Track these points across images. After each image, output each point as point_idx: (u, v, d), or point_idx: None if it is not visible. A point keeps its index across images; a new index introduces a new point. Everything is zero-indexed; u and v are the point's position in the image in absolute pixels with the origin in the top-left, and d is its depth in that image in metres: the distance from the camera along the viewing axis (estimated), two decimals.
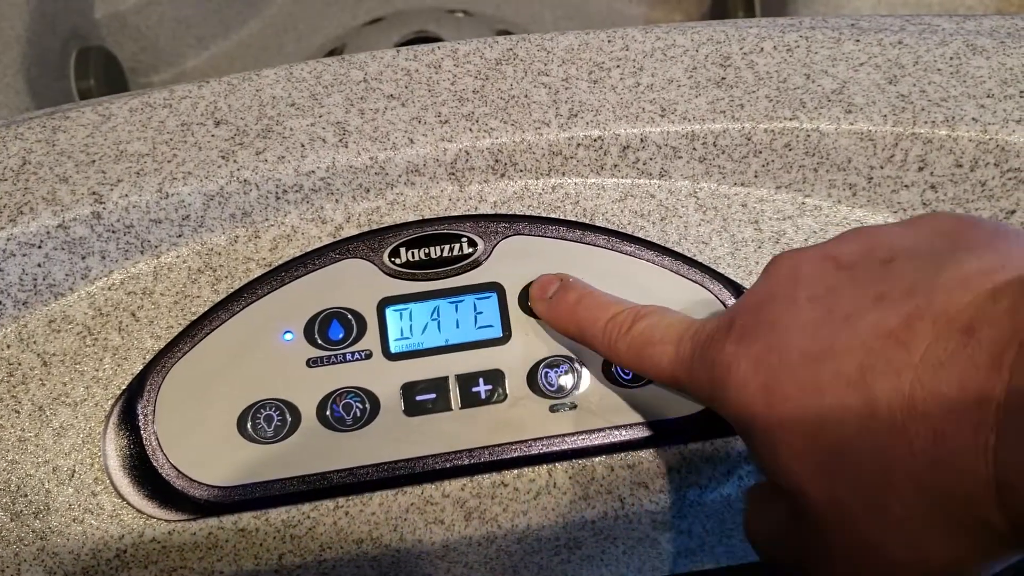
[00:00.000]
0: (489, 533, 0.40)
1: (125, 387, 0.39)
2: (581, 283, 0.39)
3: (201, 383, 0.39)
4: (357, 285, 0.40)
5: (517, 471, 0.40)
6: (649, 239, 0.42)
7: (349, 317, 0.40)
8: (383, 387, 0.40)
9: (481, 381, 0.40)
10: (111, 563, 0.38)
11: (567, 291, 0.39)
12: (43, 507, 0.38)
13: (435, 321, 0.40)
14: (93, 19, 1.06)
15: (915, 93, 0.42)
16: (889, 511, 0.25)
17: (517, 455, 0.39)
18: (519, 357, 0.40)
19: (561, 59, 0.44)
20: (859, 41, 0.44)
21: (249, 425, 0.39)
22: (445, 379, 0.40)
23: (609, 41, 0.44)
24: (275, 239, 0.41)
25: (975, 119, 0.41)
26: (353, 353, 0.40)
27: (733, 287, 0.41)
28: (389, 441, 0.39)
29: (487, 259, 0.41)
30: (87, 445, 0.38)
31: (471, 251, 0.41)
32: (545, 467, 0.40)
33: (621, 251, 0.41)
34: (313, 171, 0.40)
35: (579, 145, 0.41)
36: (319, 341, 0.40)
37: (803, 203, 0.43)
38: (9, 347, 0.39)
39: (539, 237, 0.41)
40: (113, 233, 0.39)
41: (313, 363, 0.40)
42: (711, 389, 0.31)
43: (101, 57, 1.02)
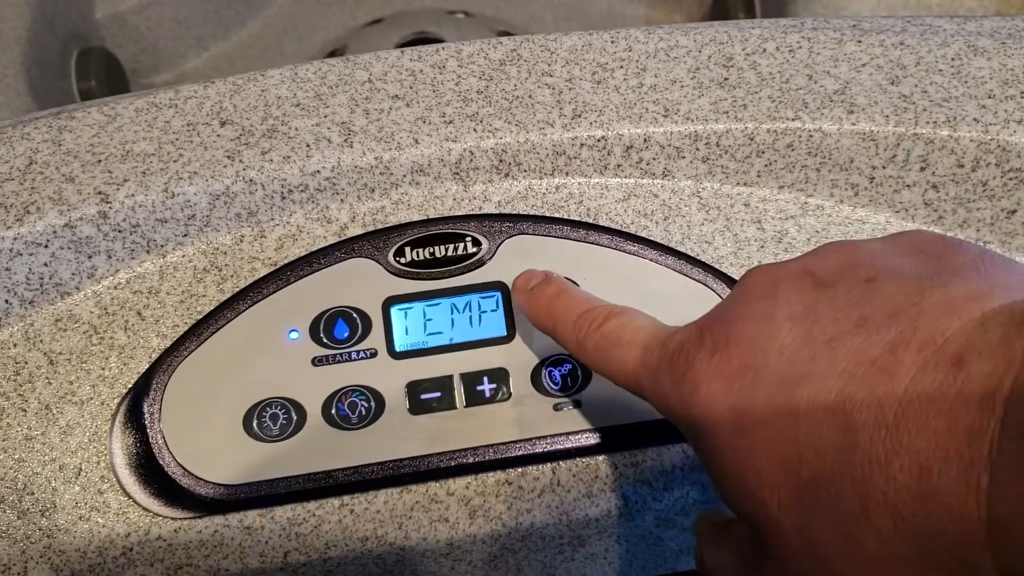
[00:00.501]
0: (493, 531, 0.40)
1: (131, 386, 0.39)
2: (563, 280, 0.38)
3: (207, 382, 0.39)
4: (362, 284, 0.41)
5: (521, 469, 0.40)
6: (652, 239, 0.42)
7: (354, 316, 0.40)
8: (388, 386, 0.40)
9: (485, 380, 0.40)
10: (117, 561, 0.38)
11: (547, 285, 0.38)
12: (50, 505, 0.38)
13: (439, 320, 0.41)
14: (93, 20, 1.06)
15: (917, 94, 0.42)
16: (864, 547, 0.24)
17: (521, 453, 0.40)
18: (523, 356, 0.41)
19: (565, 60, 0.44)
20: (861, 42, 0.44)
21: (255, 423, 0.39)
22: (450, 378, 0.40)
23: (612, 42, 0.45)
24: (280, 238, 0.41)
25: (976, 119, 0.41)
26: (358, 352, 0.40)
27: None
28: (394, 439, 0.39)
29: (491, 258, 0.41)
30: (93, 443, 0.38)
31: (475, 250, 0.41)
32: (549, 465, 0.40)
33: (624, 250, 0.42)
34: (318, 171, 0.40)
35: (583, 145, 0.41)
36: (324, 340, 0.40)
37: (805, 203, 0.43)
38: (16, 346, 0.39)
39: (543, 236, 0.42)
40: (119, 232, 0.39)
41: (318, 362, 0.40)
42: (675, 402, 0.29)
43: (102, 58, 1.02)
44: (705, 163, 0.42)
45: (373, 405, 0.39)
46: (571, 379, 0.40)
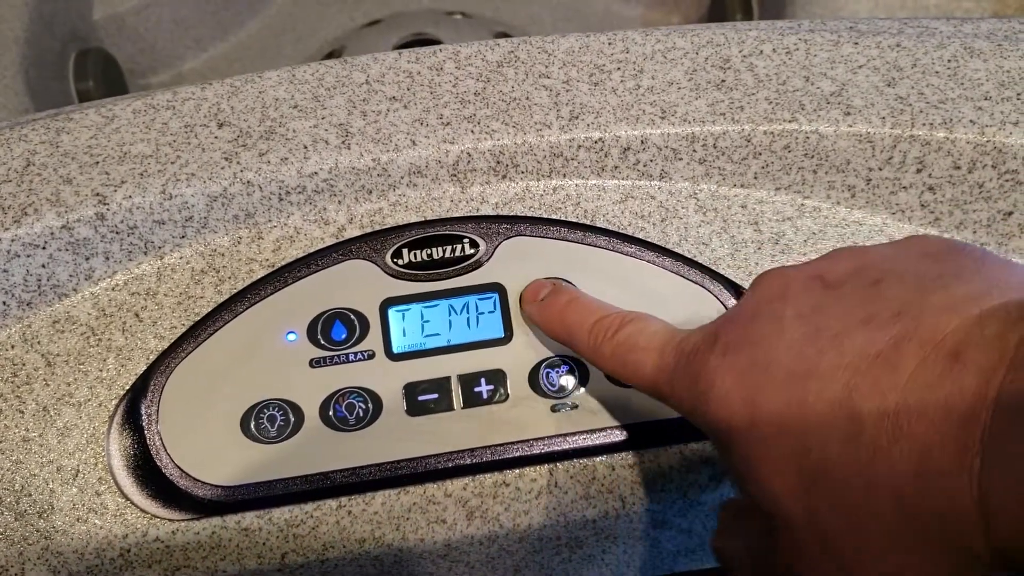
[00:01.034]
0: (491, 532, 0.40)
1: (129, 387, 0.39)
2: (573, 288, 0.40)
3: (204, 383, 0.39)
4: (360, 286, 0.41)
5: (519, 471, 0.40)
6: (650, 240, 0.42)
7: (352, 318, 0.40)
8: (385, 387, 0.40)
9: (483, 381, 0.40)
10: (115, 562, 0.38)
11: (558, 294, 0.39)
12: (47, 507, 0.38)
13: (437, 321, 0.41)
14: (92, 21, 1.06)
15: (913, 95, 0.42)
16: (868, 530, 0.25)
17: (519, 455, 0.40)
18: (521, 357, 0.41)
19: (562, 61, 0.44)
20: (857, 44, 0.45)
21: (252, 425, 0.39)
22: (447, 379, 0.40)
23: (609, 43, 0.45)
24: (278, 240, 0.41)
25: (973, 121, 0.41)
26: (356, 353, 0.40)
27: (733, 288, 0.42)
28: (391, 441, 0.39)
29: (489, 260, 0.41)
30: (91, 445, 0.38)
31: (473, 252, 0.41)
32: (546, 467, 0.40)
33: (622, 252, 0.42)
34: (316, 172, 0.40)
35: (580, 147, 0.41)
36: (322, 341, 0.40)
37: (802, 204, 0.44)
38: (13, 347, 0.39)
39: (540, 238, 0.42)
40: (117, 234, 0.39)
41: (316, 363, 0.40)
42: (692, 401, 0.31)
43: (100, 59, 1.02)
44: (702, 165, 0.42)
45: (371, 407, 0.39)
46: (568, 380, 0.40)
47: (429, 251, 0.41)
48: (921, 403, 0.24)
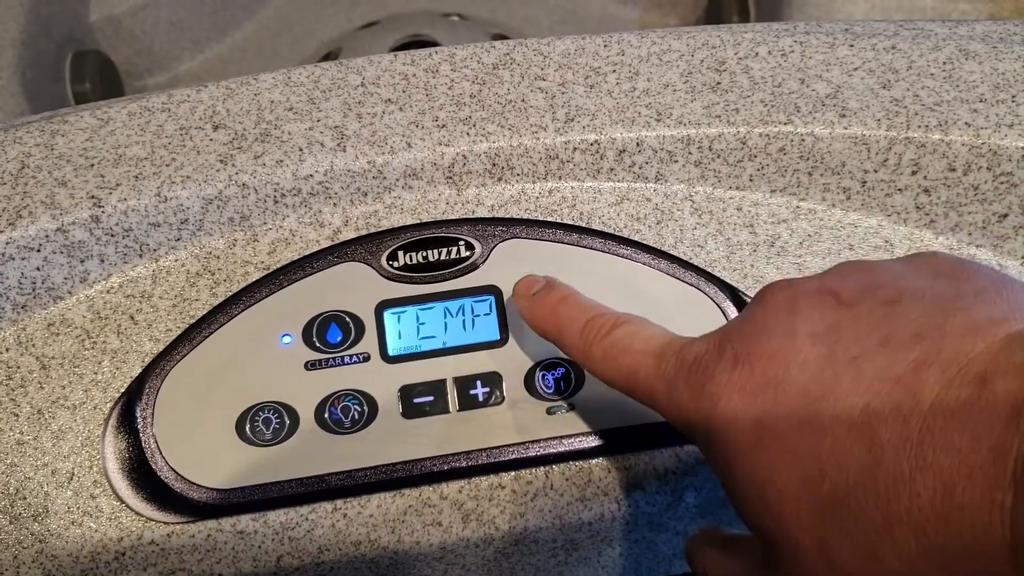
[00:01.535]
0: (486, 535, 0.40)
1: (124, 390, 0.39)
2: (566, 286, 0.38)
3: (200, 386, 0.39)
4: (355, 288, 0.41)
5: (514, 473, 0.40)
6: (645, 242, 0.42)
7: (347, 320, 0.40)
8: (381, 390, 0.40)
9: (478, 384, 0.40)
10: (110, 565, 0.38)
11: (551, 290, 0.37)
12: (42, 510, 0.38)
13: (433, 324, 0.41)
14: (88, 23, 1.06)
15: (908, 98, 0.42)
16: (885, 563, 0.24)
17: (514, 457, 0.40)
18: (516, 360, 0.41)
19: (558, 64, 0.44)
20: (853, 46, 0.45)
21: (248, 428, 0.39)
22: (443, 382, 0.40)
23: (605, 46, 0.45)
24: (273, 243, 0.41)
25: (968, 123, 0.41)
26: (351, 356, 0.40)
27: (729, 290, 0.42)
28: (387, 443, 0.39)
29: (484, 262, 0.41)
30: (86, 448, 0.38)
31: (468, 254, 0.41)
32: (542, 469, 0.40)
33: (617, 254, 0.42)
34: (311, 175, 0.40)
35: (575, 149, 0.41)
36: (317, 344, 0.40)
37: (798, 207, 0.44)
38: (8, 350, 0.39)
39: (536, 240, 0.42)
40: (112, 237, 0.39)
41: (311, 366, 0.40)
42: (693, 413, 0.29)
43: (97, 60, 1.02)
44: (698, 167, 0.42)
45: (366, 409, 0.39)
46: (564, 383, 0.40)
47: (425, 253, 0.41)
48: (946, 432, 0.23)
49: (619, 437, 0.40)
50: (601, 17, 1.23)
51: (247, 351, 0.40)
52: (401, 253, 0.41)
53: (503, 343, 0.41)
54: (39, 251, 0.38)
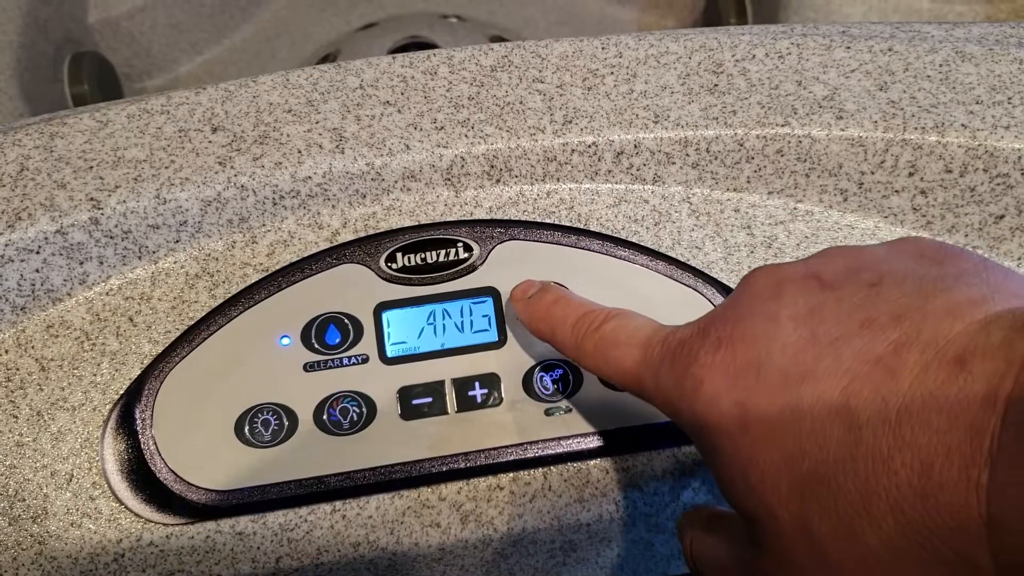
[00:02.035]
0: (485, 536, 0.40)
1: (123, 392, 0.39)
2: (561, 288, 0.39)
3: (199, 388, 0.39)
4: (354, 290, 0.41)
5: (513, 474, 0.40)
6: (643, 244, 0.42)
7: (346, 322, 0.40)
8: (380, 391, 0.40)
9: (477, 385, 0.40)
10: (109, 567, 0.38)
11: (545, 293, 0.38)
12: (41, 511, 0.38)
13: (431, 325, 0.41)
14: (86, 24, 1.06)
15: (905, 99, 0.43)
16: (864, 541, 0.24)
17: (513, 458, 0.40)
18: (515, 361, 0.41)
19: (555, 66, 0.44)
20: (850, 48, 0.45)
21: (246, 429, 0.39)
22: (441, 383, 0.40)
23: (603, 48, 0.45)
24: (272, 244, 0.41)
25: (964, 125, 0.42)
26: (350, 358, 0.40)
27: (726, 291, 0.42)
28: (386, 445, 0.39)
29: (483, 264, 0.41)
30: (85, 450, 0.38)
31: (467, 256, 0.41)
32: (540, 470, 0.40)
33: (615, 256, 0.42)
34: (310, 177, 0.40)
35: (573, 151, 0.42)
36: (316, 346, 0.40)
37: (795, 208, 0.44)
38: (7, 352, 0.39)
39: (534, 242, 0.42)
40: (111, 239, 0.39)
41: (310, 367, 0.40)
42: (677, 398, 0.29)
43: (95, 62, 1.02)
44: (695, 169, 0.43)
45: (365, 411, 0.40)
46: (562, 384, 0.41)
47: (423, 255, 0.41)
48: (924, 411, 0.23)
49: (617, 438, 0.40)
50: (599, 19, 1.23)
51: (246, 353, 0.40)
52: (400, 255, 0.41)
53: (501, 344, 0.41)
54: (38, 253, 0.38)
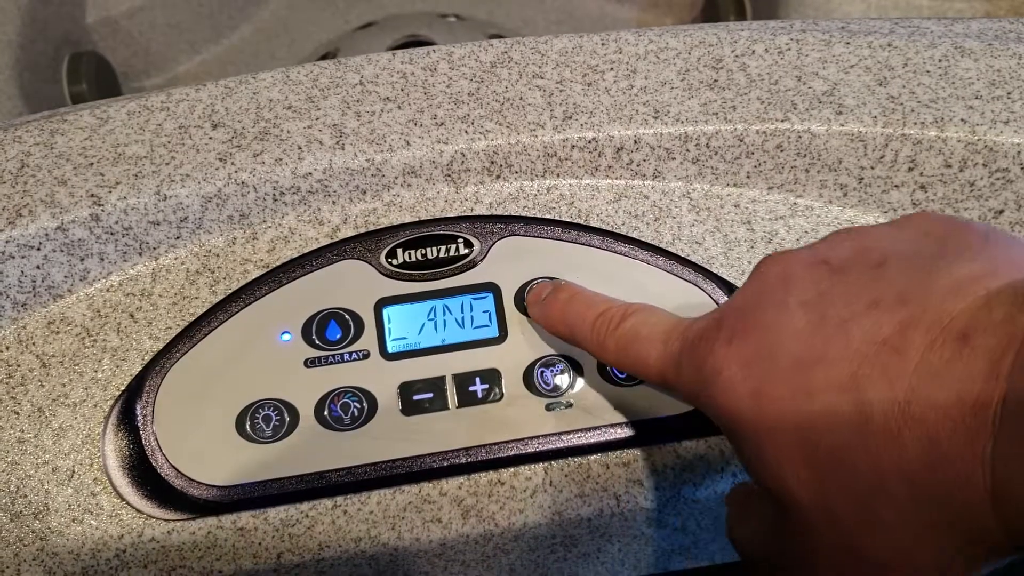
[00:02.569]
0: (486, 531, 0.40)
1: (124, 388, 0.39)
2: (573, 285, 0.39)
3: (200, 384, 0.39)
4: (354, 286, 0.41)
5: (514, 469, 0.40)
6: (643, 239, 0.42)
7: (346, 317, 0.40)
8: (381, 387, 0.40)
9: (478, 380, 0.40)
10: (110, 563, 0.38)
11: (558, 292, 0.39)
12: (43, 507, 0.38)
13: (432, 321, 0.41)
14: (85, 24, 1.06)
15: (905, 95, 0.43)
16: (880, 515, 0.25)
17: (514, 453, 0.40)
18: (515, 356, 0.41)
19: (555, 62, 0.44)
20: (849, 43, 0.45)
21: (248, 425, 0.39)
22: (442, 378, 0.40)
23: (603, 44, 0.45)
24: (273, 240, 0.41)
25: (964, 120, 0.42)
26: (351, 353, 0.40)
27: (727, 287, 0.42)
28: (387, 440, 0.39)
29: (483, 260, 0.42)
30: (86, 446, 0.38)
31: (467, 252, 0.42)
32: (541, 465, 0.40)
33: (616, 251, 0.42)
34: (310, 173, 0.40)
35: (573, 147, 0.42)
36: (317, 341, 0.40)
37: (795, 203, 0.44)
38: (8, 348, 0.39)
39: (534, 238, 0.42)
40: (111, 235, 0.39)
41: (311, 363, 0.40)
42: (698, 388, 0.30)
43: (93, 61, 1.02)
44: (695, 164, 0.43)
45: (366, 406, 0.40)
46: (563, 379, 0.41)
47: (423, 251, 0.41)
48: (930, 389, 0.24)
49: (618, 433, 0.40)
50: (598, 17, 1.23)
51: (247, 349, 0.40)
52: (400, 251, 0.41)
53: (502, 340, 0.41)
54: (39, 249, 0.38)
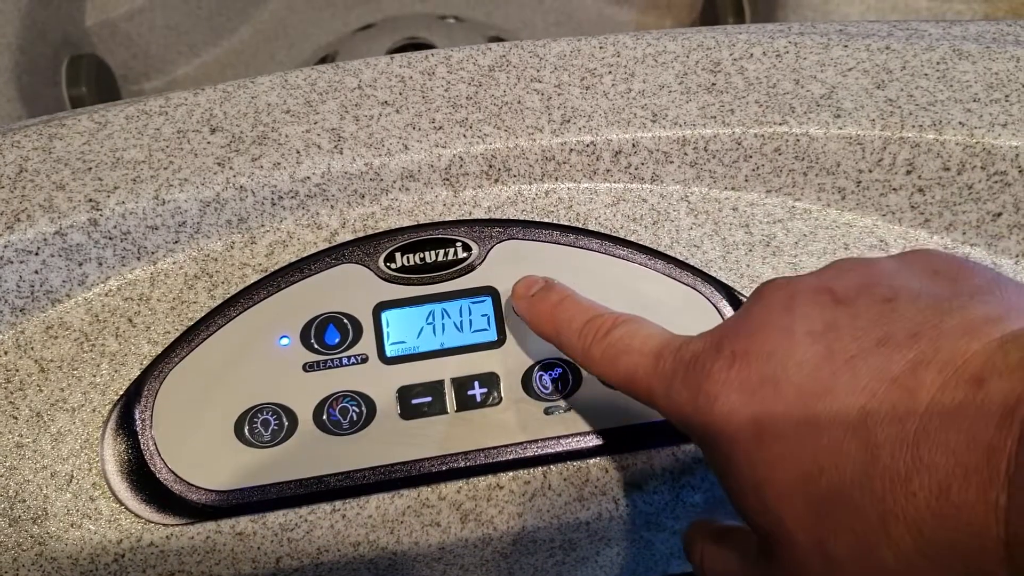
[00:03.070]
0: (485, 535, 0.40)
1: (123, 392, 0.39)
2: (565, 286, 0.38)
3: (198, 388, 0.39)
4: (353, 290, 0.41)
5: (512, 473, 0.40)
6: (642, 243, 0.42)
7: (345, 322, 0.40)
8: (379, 391, 0.40)
9: (476, 384, 0.40)
10: (109, 568, 0.38)
11: (549, 291, 0.38)
12: (41, 512, 0.38)
13: (430, 325, 0.41)
14: (84, 27, 1.06)
15: (903, 98, 0.43)
16: (881, 560, 0.24)
17: (512, 457, 0.40)
18: (514, 360, 0.41)
19: (553, 65, 0.44)
20: (847, 46, 0.45)
21: (246, 429, 0.39)
22: (440, 383, 0.40)
23: (601, 47, 0.45)
24: (271, 245, 0.41)
25: (962, 123, 0.42)
26: (349, 357, 0.40)
27: (725, 290, 0.42)
28: (385, 444, 0.39)
29: (481, 263, 0.42)
30: (85, 450, 0.38)
31: (466, 256, 0.42)
32: (540, 469, 0.40)
33: (614, 255, 0.42)
34: (308, 177, 0.40)
35: (572, 150, 0.42)
36: (315, 346, 0.40)
37: (793, 207, 0.44)
38: (7, 353, 0.39)
39: (533, 241, 0.42)
40: (110, 240, 0.39)
41: (309, 367, 0.40)
42: (691, 413, 0.29)
43: (93, 64, 1.02)
44: (693, 168, 0.43)
45: (364, 410, 0.40)
46: (562, 383, 0.41)
47: (422, 255, 0.41)
48: (942, 432, 0.23)
49: (616, 437, 0.40)
50: (597, 19, 1.23)
51: (245, 353, 0.40)
52: (398, 255, 0.41)
53: (501, 344, 0.41)
54: (37, 254, 0.38)
